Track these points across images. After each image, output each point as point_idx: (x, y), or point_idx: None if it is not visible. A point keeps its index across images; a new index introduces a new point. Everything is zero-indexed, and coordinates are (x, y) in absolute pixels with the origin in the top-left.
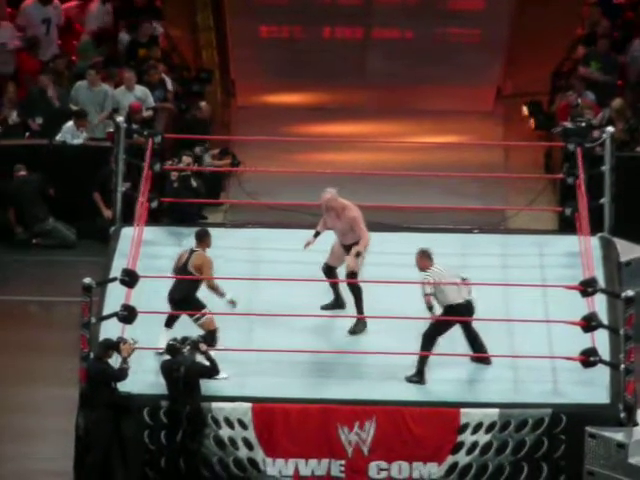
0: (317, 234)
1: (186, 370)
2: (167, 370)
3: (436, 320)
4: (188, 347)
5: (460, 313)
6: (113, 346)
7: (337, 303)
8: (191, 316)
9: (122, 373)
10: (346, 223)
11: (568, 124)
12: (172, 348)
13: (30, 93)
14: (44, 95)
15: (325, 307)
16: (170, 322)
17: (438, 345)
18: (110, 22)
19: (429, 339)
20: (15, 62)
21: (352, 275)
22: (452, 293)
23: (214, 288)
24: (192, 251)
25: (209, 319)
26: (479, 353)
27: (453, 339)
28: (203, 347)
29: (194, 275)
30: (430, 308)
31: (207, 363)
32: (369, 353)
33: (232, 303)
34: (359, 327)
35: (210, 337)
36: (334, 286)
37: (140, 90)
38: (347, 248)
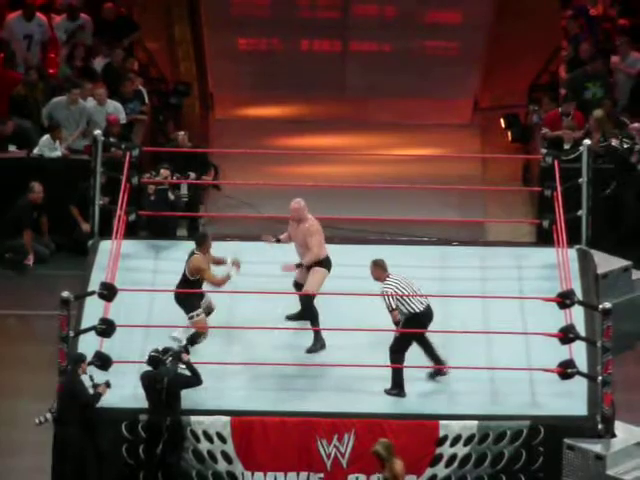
0: (278, 240)
1: (169, 381)
2: (149, 381)
3: (401, 332)
4: (170, 358)
5: (422, 319)
6: (85, 359)
7: (302, 315)
8: (186, 314)
9: (95, 400)
10: (302, 235)
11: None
12: (154, 359)
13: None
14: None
15: (290, 317)
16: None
17: (414, 359)
18: (83, 40)
19: (398, 352)
20: None
21: (307, 297)
22: (414, 301)
23: (215, 282)
24: (191, 254)
25: (202, 321)
26: (434, 362)
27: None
28: (185, 358)
29: (191, 280)
30: (397, 324)
31: (189, 374)
32: (348, 366)
33: (236, 264)
34: (317, 346)
35: (194, 338)
36: (301, 299)
37: (112, 105)
38: (307, 268)
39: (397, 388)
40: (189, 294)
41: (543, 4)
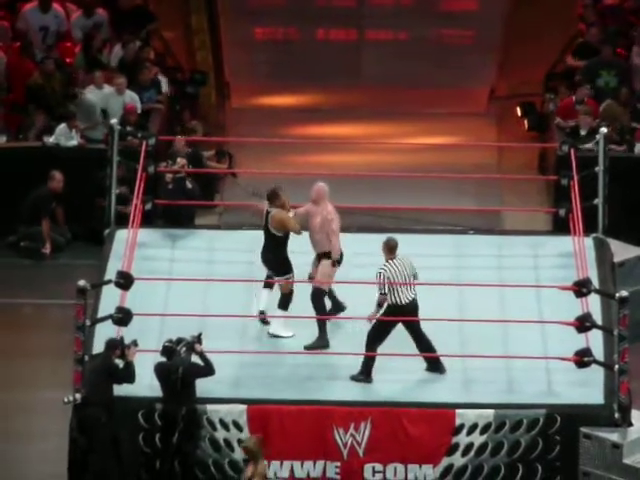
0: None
1: (184, 371)
2: (163, 372)
3: (380, 320)
4: (184, 348)
5: (406, 311)
6: (119, 345)
7: (336, 307)
8: (275, 275)
9: (132, 375)
10: (321, 219)
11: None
12: (168, 349)
13: None
14: None
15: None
16: (268, 284)
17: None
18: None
19: (375, 341)
20: (5, 66)
21: (316, 292)
22: (403, 292)
23: (297, 231)
24: (267, 213)
25: (290, 284)
26: (428, 361)
27: (448, 340)
28: (198, 348)
29: (278, 237)
30: (380, 306)
31: (202, 364)
32: (364, 355)
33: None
34: (317, 344)
35: (285, 299)
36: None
37: (129, 95)
38: (319, 257)
39: (364, 375)
40: (280, 252)
41: None
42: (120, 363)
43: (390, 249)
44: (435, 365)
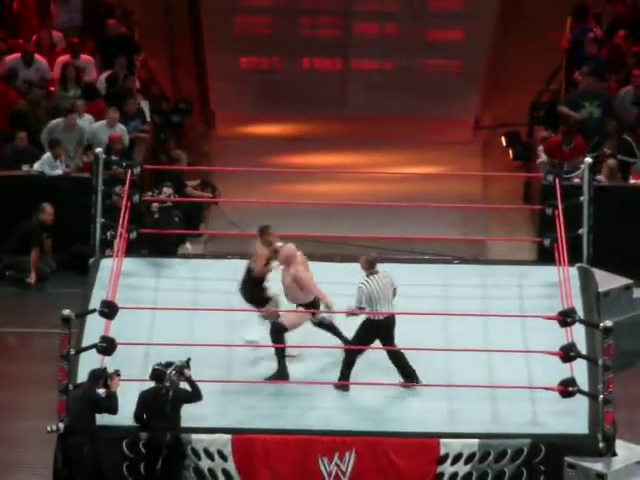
0: None
1: (174, 393)
2: (150, 395)
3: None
4: (173, 372)
5: (383, 327)
6: (103, 376)
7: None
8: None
9: (115, 406)
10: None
11: None
12: (158, 373)
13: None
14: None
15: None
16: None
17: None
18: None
19: (352, 356)
20: None
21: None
22: (381, 308)
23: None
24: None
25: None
26: (402, 372)
27: (432, 369)
28: (187, 373)
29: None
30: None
31: (190, 389)
32: (348, 384)
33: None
34: (275, 376)
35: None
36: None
37: (119, 128)
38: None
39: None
40: (258, 293)
41: (545, 22)
42: (103, 393)
43: (370, 263)
44: (411, 376)
